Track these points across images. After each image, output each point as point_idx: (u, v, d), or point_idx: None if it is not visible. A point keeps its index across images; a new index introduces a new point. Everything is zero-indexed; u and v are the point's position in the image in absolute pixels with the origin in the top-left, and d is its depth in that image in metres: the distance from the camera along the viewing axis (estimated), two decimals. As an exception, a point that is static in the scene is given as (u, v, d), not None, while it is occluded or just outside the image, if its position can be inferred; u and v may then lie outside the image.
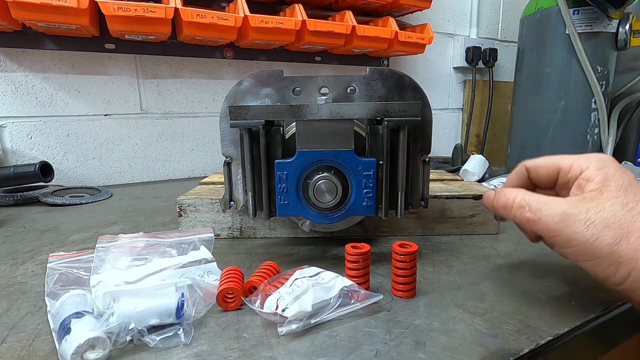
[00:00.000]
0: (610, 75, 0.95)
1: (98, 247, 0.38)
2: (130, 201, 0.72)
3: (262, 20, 0.81)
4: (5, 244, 0.49)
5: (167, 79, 0.93)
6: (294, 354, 0.26)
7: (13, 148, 0.80)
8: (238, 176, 0.42)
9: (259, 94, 0.41)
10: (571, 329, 0.29)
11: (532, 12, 1.02)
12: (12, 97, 0.79)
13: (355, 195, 0.38)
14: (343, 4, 1.00)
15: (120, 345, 0.26)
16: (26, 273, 0.40)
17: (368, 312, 0.31)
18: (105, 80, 0.87)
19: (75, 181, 0.87)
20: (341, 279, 0.32)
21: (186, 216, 0.49)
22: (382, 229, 0.49)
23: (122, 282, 0.32)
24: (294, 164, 0.38)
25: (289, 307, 0.29)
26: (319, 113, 0.36)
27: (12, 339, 0.28)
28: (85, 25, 0.70)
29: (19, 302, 0.34)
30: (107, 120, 0.89)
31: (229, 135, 0.42)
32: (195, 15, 0.75)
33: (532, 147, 1.03)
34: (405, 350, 0.26)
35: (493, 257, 0.43)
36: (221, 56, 0.95)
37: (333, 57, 1.10)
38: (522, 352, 0.26)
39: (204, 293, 0.31)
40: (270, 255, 0.43)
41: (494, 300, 0.33)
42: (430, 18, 1.22)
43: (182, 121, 0.97)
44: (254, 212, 0.41)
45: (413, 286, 0.34)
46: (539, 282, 0.36)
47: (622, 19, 0.90)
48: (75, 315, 0.27)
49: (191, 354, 0.26)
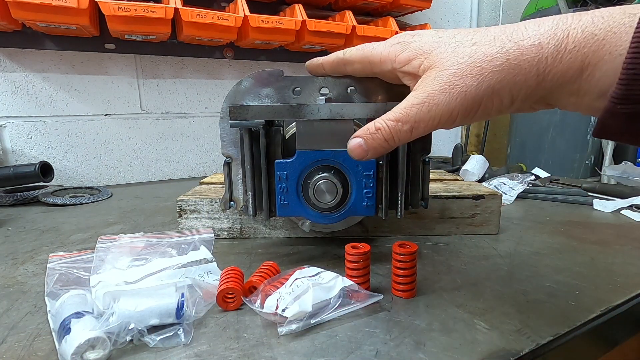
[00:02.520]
0: (610, 75, 0.95)
1: (98, 247, 0.38)
2: (130, 201, 0.72)
3: (262, 20, 0.81)
4: (5, 244, 0.49)
5: (167, 79, 0.93)
6: (294, 354, 0.26)
7: (13, 148, 0.80)
8: (238, 176, 0.42)
9: (259, 94, 0.41)
10: (571, 329, 0.29)
11: (532, 12, 1.02)
12: (12, 97, 0.79)
13: (355, 195, 0.38)
14: (343, 4, 1.00)
15: (120, 345, 0.26)
16: (26, 273, 0.40)
17: (368, 312, 0.31)
18: (105, 80, 0.87)
19: (75, 181, 0.87)
20: (341, 279, 0.32)
21: (186, 216, 0.49)
22: (382, 229, 0.49)
23: (122, 282, 0.32)
24: (294, 164, 0.38)
25: (289, 307, 0.29)
26: (319, 113, 0.36)
27: (12, 339, 0.28)
28: (85, 25, 0.70)
29: (19, 302, 0.34)
30: (107, 120, 0.89)
31: (229, 135, 0.42)
32: (195, 15, 0.75)
33: (532, 147, 1.03)
34: (405, 350, 0.26)
35: (493, 257, 0.43)
36: (221, 56, 0.95)
37: (333, 57, 1.09)
38: (522, 352, 0.26)
39: (204, 293, 0.31)
40: (270, 255, 0.43)
41: (494, 300, 0.33)
42: (430, 18, 1.22)
43: (182, 121, 0.97)
44: (254, 212, 0.41)
45: (413, 286, 0.34)
46: (539, 282, 0.36)
47: (622, 19, 0.90)
48: (75, 315, 0.27)
49: (191, 354, 0.26)
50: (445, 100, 0.27)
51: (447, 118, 0.27)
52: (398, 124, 0.29)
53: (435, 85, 0.27)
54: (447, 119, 0.27)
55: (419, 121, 0.28)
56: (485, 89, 0.26)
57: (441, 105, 0.27)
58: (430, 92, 0.27)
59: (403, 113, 0.28)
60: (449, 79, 0.27)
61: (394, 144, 0.30)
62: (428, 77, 0.28)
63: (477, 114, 0.27)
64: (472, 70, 0.26)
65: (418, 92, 0.28)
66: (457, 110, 0.27)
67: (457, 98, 0.27)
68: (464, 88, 0.26)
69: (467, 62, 0.26)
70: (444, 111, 0.27)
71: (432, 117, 0.28)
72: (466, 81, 0.26)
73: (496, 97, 0.26)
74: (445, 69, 0.27)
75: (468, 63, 0.26)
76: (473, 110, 0.27)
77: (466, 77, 0.26)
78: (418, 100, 0.28)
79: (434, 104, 0.27)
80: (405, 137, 0.29)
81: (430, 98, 0.27)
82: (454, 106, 0.27)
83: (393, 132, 0.29)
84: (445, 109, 0.27)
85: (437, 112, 0.27)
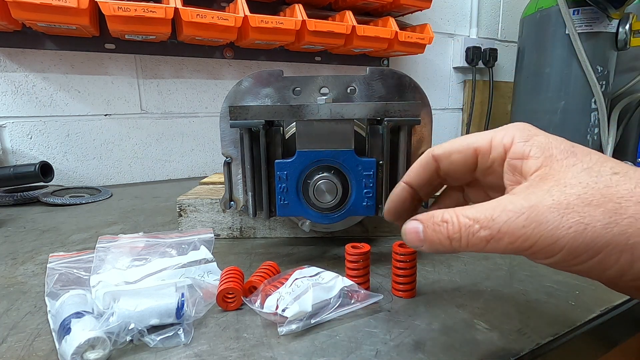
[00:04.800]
0: (610, 75, 0.95)
1: (98, 247, 0.38)
2: (130, 201, 0.72)
3: (262, 20, 0.81)
4: (5, 244, 0.49)
5: (167, 79, 0.93)
6: (294, 354, 0.26)
7: (13, 148, 0.80)
8: (238, 176, 0.42)
9: (259, 94, 0.41)
10: (571, 329, 0.29)
11: (532, 12, 1.02)
12: (12, 97, 0.79)
13: (355, 195, 0.39)
14: (343, 4, 1.00)
15: (120, 345, 0.26)
16: (26, 273, 0.40)
17: (368, 312, 0.31)
18: (105, 80, 0.87)
19: (75, 181, 0.87)
20: (341, 279, 0.32)
21: (186, 216, 0.49)
22: (382, 229, 0.49)
23: (122, 282, 0.32)
24: (294, 164, 0.38)
25: (289, 307, 0.29)
26: (319, 113, 0.36)
27: (12, 339, 0.28)
28: (85, 25, 0.70)
29: (19, 302, 0.34)
30: (107, 120, 0.89)
31: (229, 135, 0.42)
32: (195, 15, 0.75)
33: (532, 147, 1.03)
34: (405, 350, 0.26)
35: (493, 257, 0.43)
36: (221, 56, 0.95)
37: (333, 57, 1.10)
38: (522, 352, 0.26)
39: (204, 293, 0.31)
40: (270, 255, 0.43)
41: (494, 300, 0.33)
42: (430, 18, 1.22)
43: (182, 121, 0.97)
44: (254, 212, 0.41)
45: (413, 286, 0.34)
46: (539, 282, 0.36)
47: (622, 19, 0.90)
48: (75, 315, 0.27)
49: (191, 354, 0.26)
50: (554, 223, 0.20)
51: (543, 247, 0.20)
52: (475, 226, 0.22)
53: (546, 199, 0.20)
54: (543, 248, 0.20)
55: (505, 233, 0.21)
56: (616, 234, 0.19)
57: (545, 227, 0.20)
58: (537, 205, 0.20)
59: (487, 215, 0.21)
60: (567, 199, 0.20)
61: (459, 248, 0.23)
62: (539, 186, 0.21)
63: (586, 263, 0.20)
64: (605, 204, 0.19)
65: (518, 198, 0.21)
66: (563, 243, 0.19)
67: (570, 227, 0.19)
68: (586, 219, 0.19)
69: (602, 191, 0.20)
70: (545, 236, 0.20)
71: (525, 237, 0.20)
72: (592, 212, 0.19)
73: (627, 251, 0.19)
74: (567, 185, 0.20)
75: (603, 193, 0.20)
76: (585, 254, 0.19)
77: (595, 207, 0.19)
78: (515, 207, 0.21)
79: (535, 221, 0.20)
80: (477, 245, 0.22)
81: (534, 211, 0.20)
82: (562, 236, 0.19)
83: (463, 232, 0.22)
84: (548, 235, 0.20)
85: (535, 233, 0.20)
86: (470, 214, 0.22)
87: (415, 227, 0.24)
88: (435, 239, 0.23)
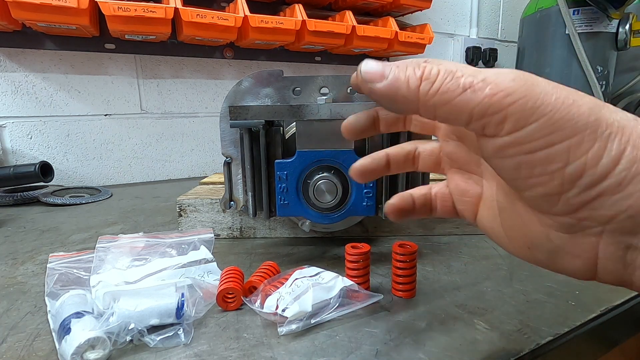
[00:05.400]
0: (610, 75, 0.95)
1: (98, 247, 0.38)
2: (130, 201, 0.72)
3: (262, 20, 0.81)
4: (5, 244, 0.49)
5: (167, 79, 0.93)
6: (294, 354, 0.26)
7: (13, 148, 0.80)
8: (238, 176, 0.42)
9: (259, 94, 0.41)
10: (571, 329, 0.29)
11: (532, 12, 1.02)
12: (12, 97, 0.79)
13: (355, 195, 0.39)
14: (343, 4, 1.00)
15: (120, 345, 0.26)
16: (26, 273, 0.40)
17: (368, 312, 0.31)
18: (105, 80, 0.87)
19: (75, 181, 0.87)
20: (341, 279, 0.32)
21: (186, 216, 0.49)
22: (382, 229, 0.49)
23: (122, 282, 0.32)
24: (294, 164, 0.38)
25: (289, 307, 0.29)
26: (319, 113, 0.36)
27: (12, 339, 0.28)
28: (85, 25, 0.70)
29: (19, 302, 0.34)
30: (107, 120, 0.89)
31: (229, 135, 0.42)
32: (195, 15, 0.75)
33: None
34: (405, 350, 0.26)
35: (493, 257, 0.43)
36: (221, 56, 0.95)
37: (333, 57, 1.10)
38: (522, 352, 0.26)
39: (204, 293, 0.31)
40: (270, 255, 0.43)
41: (494, 300, 0.33)
42: (430, 18, 1.22)
43: (182, 121, 0.97)
44: (254, 212, 0.41)
45: (413, 286, 0.34)
46: (539, 282, 0.36)
47: (622, 19, 0.90)
48: (75, 315, 0.27)
49: (191, 354, 0.26)
50: (545, 90, 0.17)
51: (523, 109, 0.16)
52: (458, 72, 0.17)
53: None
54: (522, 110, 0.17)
55: (488, 83, 0.17)
56: (600, 117, 0.16)
57: (533, 89, 0.17)
58: (532, 76, 0.17)
59: (475, 70, 0.18)
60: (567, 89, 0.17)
61: (426, 94, 0.18)
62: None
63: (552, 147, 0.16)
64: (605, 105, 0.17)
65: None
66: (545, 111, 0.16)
67: (558, 98, 0.17)
68: (578, 101, 0.17)
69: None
70: (529, 97, 0.16)
71: (510, 90, 0.17)
72: (585, 97, 0.17)
73: (603, 140, 0.16)
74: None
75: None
76: (559, 131, 0.16)
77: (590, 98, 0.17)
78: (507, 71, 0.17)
79: (526, 80, 0.17)
80: (448, 93, 0.17)
81: (527, 76, 0.17)
82: (547, 103, 0.16)
83: (442, 75, 0.18)
84: (533, 95, 0.17)
85: (521, 90, 0.17)
86: (455, 65, 0.18)
87: (381, 62, 0.19)
88: (402, 75, 0.18)
